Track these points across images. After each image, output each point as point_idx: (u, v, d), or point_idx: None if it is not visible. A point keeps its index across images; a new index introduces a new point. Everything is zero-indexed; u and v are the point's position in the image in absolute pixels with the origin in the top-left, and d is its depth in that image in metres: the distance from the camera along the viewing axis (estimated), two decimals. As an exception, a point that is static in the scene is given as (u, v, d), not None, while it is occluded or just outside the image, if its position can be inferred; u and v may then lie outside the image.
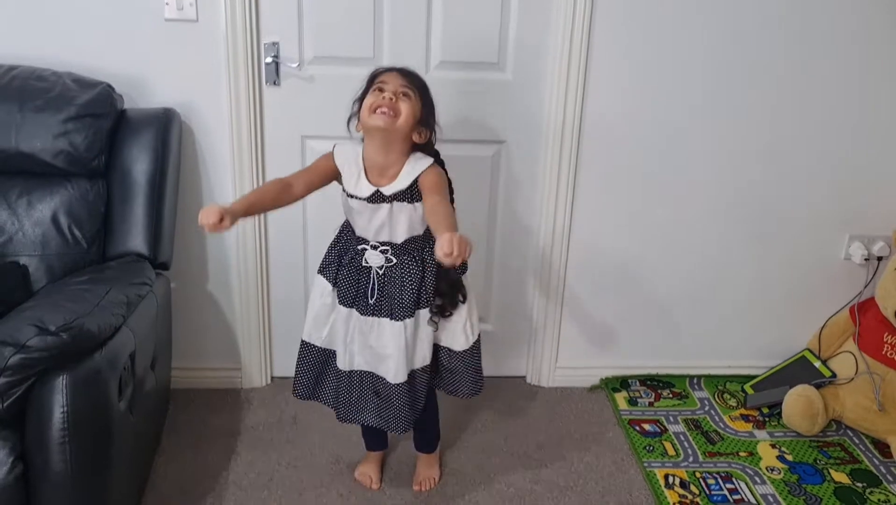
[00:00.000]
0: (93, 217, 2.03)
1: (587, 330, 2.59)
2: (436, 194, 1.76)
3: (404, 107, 1.73)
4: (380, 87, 1.75)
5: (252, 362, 2.51)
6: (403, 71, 1.79)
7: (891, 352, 2.36)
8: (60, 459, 1.53)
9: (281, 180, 1.80)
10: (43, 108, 1.97)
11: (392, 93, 1.72)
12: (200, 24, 2.15)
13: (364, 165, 1.80)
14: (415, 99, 1.76)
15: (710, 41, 2.28)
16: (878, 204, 2.49)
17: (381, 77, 1.77)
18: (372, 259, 1.85)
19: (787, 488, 2.17)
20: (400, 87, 1.74)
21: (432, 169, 1.79)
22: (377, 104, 1.72)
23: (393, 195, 1.78)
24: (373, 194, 1.79)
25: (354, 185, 1.80)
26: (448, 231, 1.57)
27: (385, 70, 1.79)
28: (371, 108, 1.73)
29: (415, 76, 1.80)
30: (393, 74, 1.76)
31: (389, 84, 1.74)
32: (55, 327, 1.53)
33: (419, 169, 1.78)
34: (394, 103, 1.72)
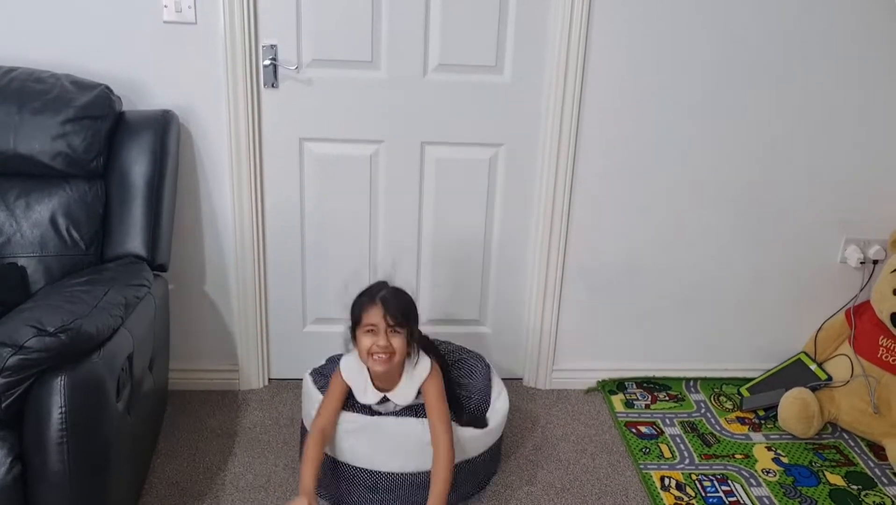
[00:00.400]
0: (91, 219, 2.03)
1: (584, 332, 2.59)
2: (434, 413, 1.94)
3: (397, 343, 1.88)
4: (370, 329, 1.87)
5: (249, 364, 2.52)
6: (388, 305, 1.87)
7: (886, 355, 2.37)
8: (58, 459, 1.53)
9: (321, 433, 1.94)
10: (41, 109, 1.97)
11: (384, 336, 1.86)
12: (199, 27, 2.16)
13: (370, 375, 1.99)
14: (404, 330, 1.89)
15: (708, 45, 2.29)
16: (875, 207, 2.51)
17: (367, 315, 1.88)
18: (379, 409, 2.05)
19: (782, 490, 2.17)
20: (388, 327, 1.86)
21: (432, 377, 1.97)
22: (372, 351, 1.88)
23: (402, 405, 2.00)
24: (381, 400, 2.00)
25: (363, 395, 1.99)
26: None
27: (371, 304, 1.88)
28: (367, 353, 1.89)
29: (399, 308, 1.88)
30: (378, 312, 1.86)
31: (378, 324, 1.86)
32: (53, 328, 1.53)
33: (419, 378, 1.97)
34: (388, 348, 1.87)
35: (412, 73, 2.27)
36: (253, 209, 2.34)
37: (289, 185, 2.36)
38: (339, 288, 2.46)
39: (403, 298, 1.92)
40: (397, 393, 1.98)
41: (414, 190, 2.39)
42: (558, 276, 2.50)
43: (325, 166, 2.35)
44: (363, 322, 1.89)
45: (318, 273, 2.47)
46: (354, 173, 2.36)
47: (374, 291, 1.91)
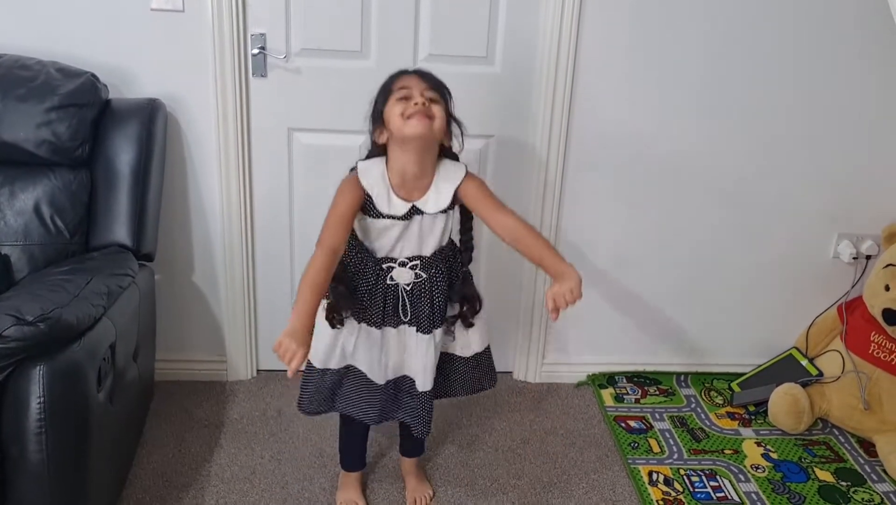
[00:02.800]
0: (76, 207, 2.02)
1: (575, 326, 2.58)
2: (494, 206, 1.71)
3: (437, 110, 1.63)
4: (404, 94, 1.63)
5: (237, 355, 2.50)
6: (422, 73, 1.68)
7: (878, 351, 2.36)
8: (37, 449, 1.52)
9: (326, 252, 1.63)
10: (26, 97, 1.95)
11: (420, 97, 1.62)
12: (187, 15, 2.14)
13: (391, 182, 1.70)
14: (440, 99, 1.66)
15: (703, 37, 2.27)
16: (867, 203, 2.49)
17: (399, 82, 1.66)
18: (400, 277, 1.75)
19: (770, 486, 2.16)
20: (426, 92, 1.63)
21: (470, 178, 1.72)
22: (410, 112, 1.61)
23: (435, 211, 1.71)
24: (409, 210, 1.70)
25: (387, 205, 1.69)
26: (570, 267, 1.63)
27: (402, 74, 1.68)
28: (403, 117, 1.61)
29: (435, 78, 1.69)
30: (413, 78, 1.66)
31: (413, 89, 1.63)
32: (32, 317, 1.51)
33: (456, 180, 1.71)
34: (427, 106, 1.62)
35: (402, 63, 2.20)
36: (241, 199, 2.32)
37: (277, 175, 2.34)
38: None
39: (436, 76, 1.69)
40: (429, 200, 1.69)
41: (404, 181, 2.38)
42: (549, 269, 2.48)
43: (314, 156, 2.33)
44: (395, 88, 1.64)
45: (306, 263, 2.45)
46: (344, 164, 2.33)
47: (404, 69, 1.70)
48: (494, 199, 1.73)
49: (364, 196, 1.69)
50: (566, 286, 1.62)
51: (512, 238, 1.71)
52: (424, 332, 1.78)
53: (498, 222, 1.71)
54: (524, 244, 1.70)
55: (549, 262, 1.68)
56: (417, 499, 2.06)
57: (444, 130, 1.67)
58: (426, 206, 1.71)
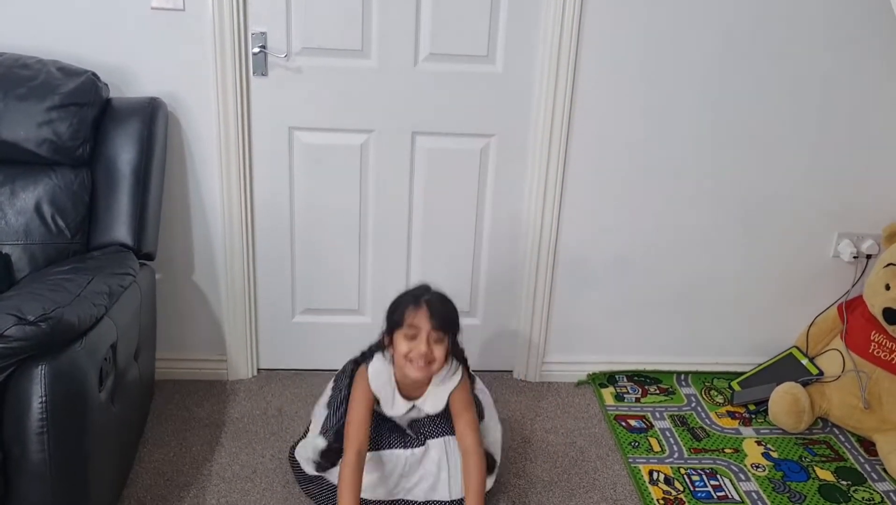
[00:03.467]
0: (76, 207, 2.02)
1: (575, 325, 2.58)
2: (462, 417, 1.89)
3: (438, 352, 1.80)
4: (412, 333, 1.79)
5: (238, 354, 2.50)
6: (433, 308, 1.80)
7: (878, 350, 2.36)
8: (38, 449, 1.52)
9: (358, 456, 1.81)
10: (26, 96, 1.95)
11: (426, 342, 1.78)
12: (187, 13, 2.13)
13: (397, 384, 1.91)
14: (446, 339, 1.82)
15: (704, 36, 2.26)
16: (868, 202, 2.49)
17: (411, 318, 1.80)
18: (401, 421, 1.97)
19: (771, 485, 2.16)
20: (433, 334, 1.79)
21: (462, 387, 1.92)
22: (412, 356, 1.79)
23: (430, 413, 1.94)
24: (409, 409, 1.93)
25: (390, 406, 1.91)
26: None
27: (416, 307, 1.80)
28: (406, 357, 1.80)
29: (444, 316, 1.82)
30: (423, 317, 1.79)
31: (422, 329, 1.79)
32: (34, 317, 1.51)
33: (450, 387, 1.91)
34: (429, 354, 1.79)
35: (403, 62, 2.24)
36: (242, 198, 2.32)
37: (278, 174, 2.34)
38: (330, 279, 2.47)
39: (449, 306, 1.85)
40: (426, 400, 1.92)
41: (404, 180, 2.37)
42: (550, 268, 2.48)
43: (315, 155, 2.33)
44: (405, 324, 1.80)
45: (307, 263, 2.46)
46: (344, 163, 2.35)
47: (419, 293, 1.84)
48: (470, 416, 1.91)
49: (374, 397, 1.91)
50: None
51: (463, 458, 1.89)
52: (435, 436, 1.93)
53: (461, 437, 1.89)
54: (465, 469, 1.87)
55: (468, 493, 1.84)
56: None
57: (443, 364, 1.86)
58: (425, 405, 1.92)
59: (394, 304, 1.86)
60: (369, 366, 1.92)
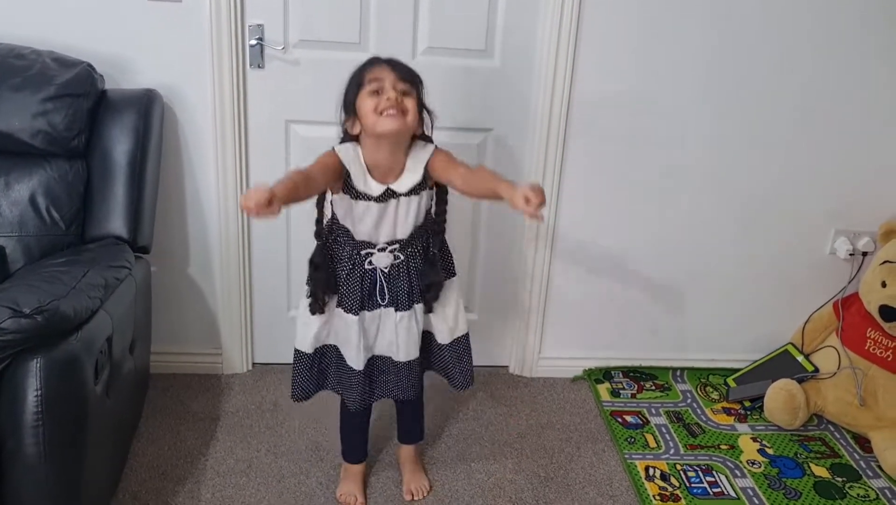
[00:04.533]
0: (72, 198, 2.00)
1: (571, 321, 2.58)
2: (458, 167, 1.72)
3: (410, 103, 1.65)
4: (376, 87, 1.64)
5: (233, 348, 2.49)
6: (393, 63, 1.68)
7: (873, 347, 2.37)
8: (33, 442, 1.51)
9: (300, 171, 1.63)
10: (21, 86, 1.93)
11: (393, 89, 1.63)
12: (184, 5, 2.12)
13: (367, 167, 1.72)
14: (412, 91, 1.67)
15: (702, 33, 2.26)
16: (864, 199, 2.49)
17: (371, 74, 1.66)
18: (379, 261, 1.79)
19: (766, 482, 2.17)
20: (398, 84, 1.65)
21: (438, 151, 1.75)
22: (382, 107, 1.63)
23: (408, 191, 1.73)
24: (384, 193, 1.73)
25: (363, 184, 1.72)
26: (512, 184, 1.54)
27: (372, 64, 1.68)
28: (376, 112, 1.63)
29: (406, 68, 1.69)
30: (384, 69, 1.66)
31: (385, 81, 1.64)
32: (29, 309, 1.50)
33: (425, 157, 1.73)
34: (400, 101, 1.63)
35: (400, 55, 2.18)
36: (238, 191, 2.31)
37: (274, 166, 2.32)
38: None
39: (404, 63, 1.69)
40: (402, 181, 1.72)
41: (401, 174, 2.36)
42: (546, 264, 2.48)
43: (312, 148, 2.29)
44: (366, 80, 1.64)
45: (302, 257, 2.41)
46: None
47: (372, 57, 1.70)
48: (457, 162, 1.74)
49: (342, 169, 1.70)
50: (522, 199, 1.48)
51: (469, 183, 1.69)
52: (405, 308, 1.82)
53: (458, 176, 1.71)
54: (478, 181, 1.68)
55: (502, 187, 1.57)
56: (414, 490, 2.05)
57: (417, 121, 1.70)
58: (400, 187, 1.73)
59: (352, 74, 1.70)
60: (335, 147, 1.73)
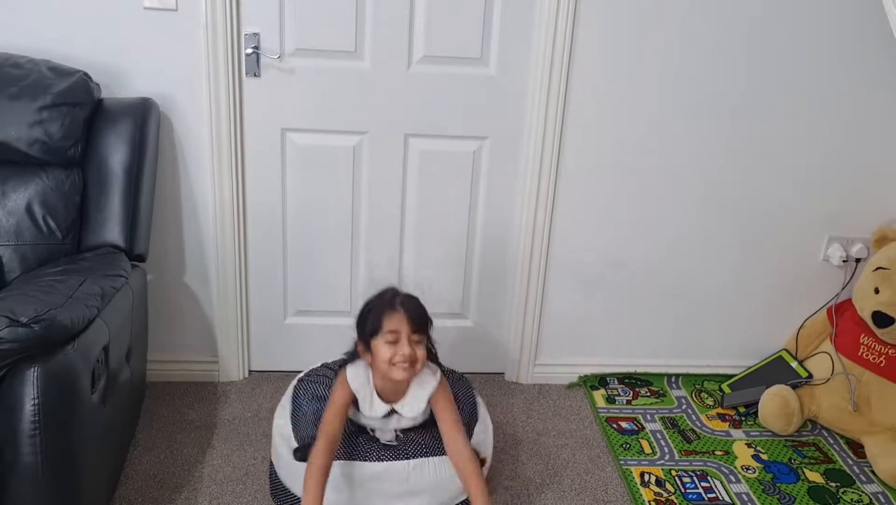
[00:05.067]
0: (68, 207, 2.00)
1: (566, 327, 2.59)
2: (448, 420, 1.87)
3: (420, 352, 1.80)
4: (393, 338, 1.77)
5: (229, 356, 2.49)
6: (410, 312, 1.79)
7: (867, 353, 2.38)
8: (31, 451, 1.51)
9: (331, 440, 1.80)
10: (18, 95, 1.93)
11: (408, 344, 1.77)
12: (180, 13, 2.12)
13: (375, 387, 1.88)
14: (423, 338, 1.81)
15: (697, 41, 2.28)
16: (858, 206, 2.51)
17: (390, 324, 1.78)
18: (381, 435, 1.94)
19: (761, 487, 2.18)
20: (413, 336, 1.78)
21: (441, 389, 1.89)
22: (396, 360, 1.77)
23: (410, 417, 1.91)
24: (388, 413, 1.90)
25: (369, 407, 1.88)
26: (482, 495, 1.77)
27: (392, 310, 1.79)
28: (389, 362, 1.78)
29: (420, 316, 1.81)
30: (402, 321, 1.78)
31: (401, 333, 1.77)
32: (27, 319, 1.50)
33: (428, 390, 1.89)
34: (412, 356, 1.77)
35: (396, 64, 2.25)
36: (234, 199, 2.31)
37: (270, 175, 2.33)
38: (322, 281, 2.46)
39: (419, 305, 1.84)
40: (405, 405, 1.89)
41: (397, 182, 2.37)
42: (542, 270, 2.49)
43: (308, 157, 2.33)
44: (384, 330, 1.78)
45: (299, 265, 2.45)
46: (337, 165, 2.34)
47: (390, 296, 1.83)
48: (455, 416, 1.89)
49: (353, 395, 1.88)
50: None
51: (453, 460, 1.86)
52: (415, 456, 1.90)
53: (449, 439, 1.86)
54: (461, 471, 1.84)
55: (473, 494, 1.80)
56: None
57: (425, 359, 1.84)
58: (403, 410, 1.90)
59: (365, 310, 1.85)
60: (347, 368, 1.90)
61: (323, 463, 1.77)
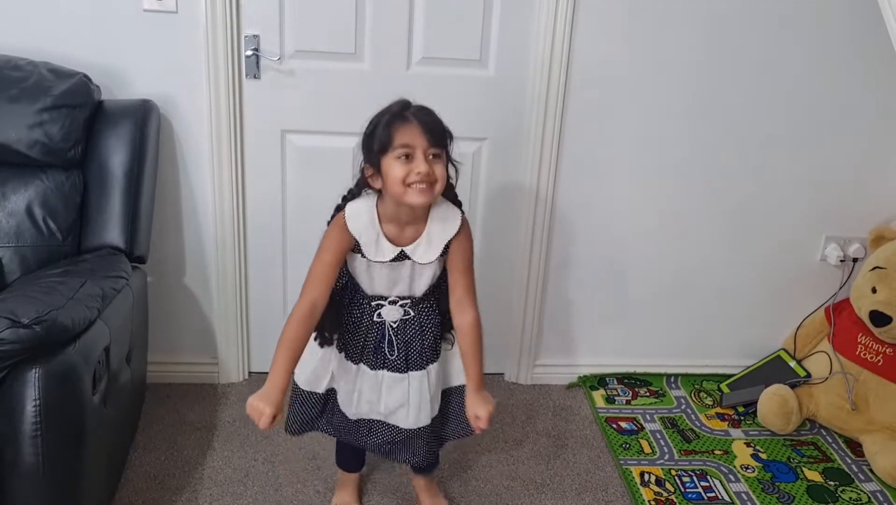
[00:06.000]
0: (68, 209, 2.01)
1: (566, 328, 2.60)
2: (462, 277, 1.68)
3: (440, 170, 1.54)
4: (406, 152, 1.52)
5: (229, 357, 2.50)
6: (425, 122, 1.55)
7: (864, 352, 2.39)
8: (32, 452, 1.51)
9: (305, 309, 1.60)
10: (18, 97, 1.94)
11: (424, 160, 1.52)
12: (180, 15, 2.13)
13: (381, 225, 1.63)
14: (442, 154, 1.57)
15: (695, 41, 2.29)
16: (855, 206, 2.52)
17: (402, 136, 1.53)
18: (388, 315, 1.72)
19: (760, 486, 2.18)
20: (430, 151, 1.53)
21: (463, 234, 1.67)
22: (412, 179, 1.52)
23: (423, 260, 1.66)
24: (397, 256, 1.64)
25: (375, 251, 1.63)
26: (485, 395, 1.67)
27: (404, 122, 1.54)
28: (404, 183, 1.53)
29: (438, 127, 1.57)
30: (415, 131, 1.53)
31: (416, 147, 1.52)
32: (28, 320, 1.50)
33: (450, 232, 1.65)
34: (430, 174, 1.53)
35: (396, 65, 2.25)
36: (234, 201, 2.32)
37: (270, 177, 2.33)
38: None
39: (435, 116, 1.57)
40: (419, 246, 1.63)
41: (397, 183, 2.38)
42: (541, 271, 2.49)
43: (308, 158, 2.33)
44: (395, 145, 1.52)
45: (299, 266, 2.42)
46: (337, 166, 2.34)
47: (401, 108, 1.56)
48: (470, 276, 1.70)
49: (353, 241, 1.64)
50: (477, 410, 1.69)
51: (456, 321, 1.71)
52: (417, 369, 1.74)
53: (456, 300, 1.69)
54: (462, 340, 1.71)
55: (471, 373, 1.70)
56: None
57: (445, 179, 1.58)
58: (415, 254, 1.65)
59: (372, 125, 1.58)
60: (346, 206, 1.65)
61: (295, 336, 1.58)
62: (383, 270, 1.67)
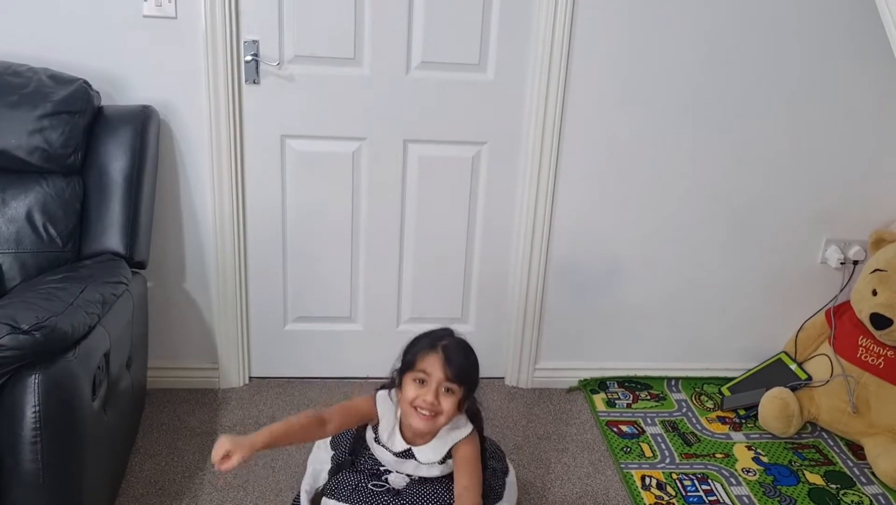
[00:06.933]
0: (68, 215, 2.01)
1: (566, 331, 2.59)
2: (465, 475, 1.72)
3: (446, 404, 1.67)
4: (422, 378, 1.66)
5: (229, 362, 2.50)
6: (449, 356, 1.66)
7: (865, 355, 2.39)
8: (32, 458, 1.51)
9: (316, 415, 1.71)
10: (18, 104, 1.94)
11: (434, 392, 1.65)
12: (179, 21, 2.13)
13: (400, 423, 1.78)
14: (458, 391, 1.68)
15: (693, 44, 2.29)
16: (855, 208, 2.52)
17: (423, 362, 1.67)
18: (394, 481, 1.82)
19: (762, 490, 2.18)
20: (444, 383, 1.66)
21: (469, 440, 1.76)
22: (417, 404, 1.67)
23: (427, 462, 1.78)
24: (404, 452, 1.78)
25: (388, 437, 1.78)
26: None
27: (431, 349, 1.67)
28: (411, 404, 1.67)
29: (461, 367, 1.68)
30: (436, 361, 1.66)
31: (432, 376, 1.66)
32: (28, 326, 1.50)
33: (455, 438, 1.76)
34: (436, 405, 1.66)
35: (395, 70, 2.25)
36: (234, 206, 2.32)
37: (270, 182, 2.34)
38: (322, 287, 2.47)
39: (469, 356, 1.70)
40: (424, 449, 1.77)
41: (396, 188, 2.38)
42: (541, 274, 2.49)
43: (307, 163, 2.33)
44: (416, 367, 1.67)
45: (299, 271, 2.46)
46: (336, 171, 2.35)
47: (438, 336, 1.70)
48: (473, 479, 1.73)
49: (375, 417, 1.80)
50: None
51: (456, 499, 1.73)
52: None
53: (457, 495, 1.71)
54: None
55: None
56: None
57: (453, 415, 1.70)
58: (420, 454, 1.77)
59: (411, 342, 1.74)
60: (380, 391, 1.81)
61: (298, 421, 1.69)
62: (388, 458, 1.81)
